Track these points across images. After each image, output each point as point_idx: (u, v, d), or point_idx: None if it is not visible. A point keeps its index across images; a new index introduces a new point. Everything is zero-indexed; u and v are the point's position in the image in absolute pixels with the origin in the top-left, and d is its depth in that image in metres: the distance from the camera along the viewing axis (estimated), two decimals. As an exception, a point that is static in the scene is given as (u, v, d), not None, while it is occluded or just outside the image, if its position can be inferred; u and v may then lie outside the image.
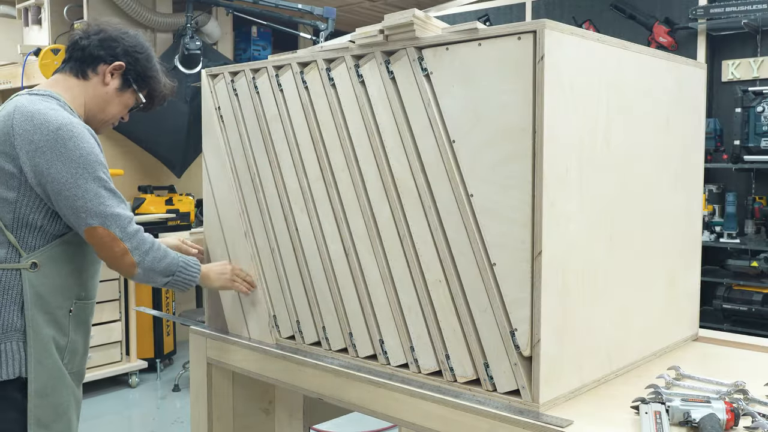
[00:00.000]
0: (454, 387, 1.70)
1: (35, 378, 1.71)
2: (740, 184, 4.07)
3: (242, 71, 2.14)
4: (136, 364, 4.66)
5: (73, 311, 1.81)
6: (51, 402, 1.74)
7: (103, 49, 1.83)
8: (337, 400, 1.92)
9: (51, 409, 1.74)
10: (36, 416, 1.71)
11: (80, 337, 1.86)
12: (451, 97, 1.63)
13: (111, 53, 1.83)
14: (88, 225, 1.69)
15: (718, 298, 3.83)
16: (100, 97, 1.85)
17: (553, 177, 1.53)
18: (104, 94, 1.85)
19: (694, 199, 2.14)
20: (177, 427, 4.01)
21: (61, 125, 1.68)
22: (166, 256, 1.83)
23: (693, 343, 2.16)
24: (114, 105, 1.87)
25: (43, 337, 1.73)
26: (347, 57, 1.83)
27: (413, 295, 1.76)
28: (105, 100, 1.86)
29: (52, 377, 1.74)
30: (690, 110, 2.08)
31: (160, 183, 5.31)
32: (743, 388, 1.64)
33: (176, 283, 1.87)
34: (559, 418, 1.52)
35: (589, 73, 1.63)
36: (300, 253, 2.03)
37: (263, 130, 2.09)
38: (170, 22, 5.18)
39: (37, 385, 1.72)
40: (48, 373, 1.74)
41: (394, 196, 1.77)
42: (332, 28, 4.50)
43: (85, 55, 1.82)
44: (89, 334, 1.92)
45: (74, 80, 1.83)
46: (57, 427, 1.76)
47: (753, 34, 3.94)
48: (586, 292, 1.67)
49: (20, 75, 4.71)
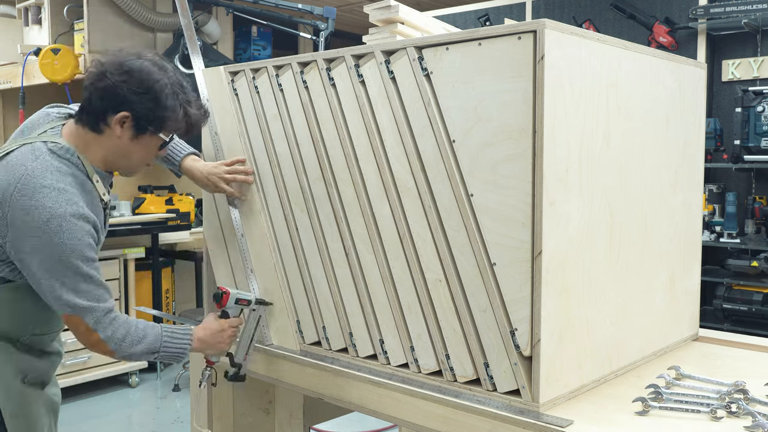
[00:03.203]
0: (454, 387, 1.70)
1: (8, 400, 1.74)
2: (740, 184, 4.07)
3: (242, 71, 2.14)
4: (136, 363, 4.66)
5: (23, 341, 1.78)
6: (24, 420, 1.77)
7: (106, 99, 1.69)
8: (337, 400, 1.92)
9: (26, 425, 1.77)
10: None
11: (39, 358, 1.83)
12: (451, 97, 1.63)
13: (114, 103, 1.69)
14: (65, 312, 1.68)
15: (718, 298, 3.83)
16: (119, 148, 1.74)
17: (553, 177, 1.53)
18: (121, 145, 1.73)
19: (694, 199, 2.14)
20: (177, 427, 4.01)
21: (51, 217, 1.61)
22: (145, 337, 1.77)
23: (693, 343, 2.16)
24: (135, 153, 1.76)
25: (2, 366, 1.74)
26: (347, 57, 1.83)
27: (413, 294, 1.76)
28: (125, 151, 1.75)
29: (21, 399, 1.76)
30: (690, 110, 2.08)
31: (160, 183, 5.31)
32: (743, 388, 1.64)
33: (165, 359, 1.83)
34: (559, 418, 1.52)
35: (589, 72, 1.63)
36: (300, 253, 2.03)
37: (263, 130, 2.10)
38: (170, 22, 5.18)
39: (10, 410, 1.74)
40: (16, 397, 1.75)
41: (394, 196, 1.77)
42: (332, 28, 4.50)
43: (92, 109, 1.71)
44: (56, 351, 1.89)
45: (91, 135, 1.73)
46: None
47: (753, 33, 3.94)
48: (586, 292, 1.67)
49: (20, 75, 4.71)
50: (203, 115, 1.84)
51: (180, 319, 2.63)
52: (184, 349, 1.85)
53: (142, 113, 1.70)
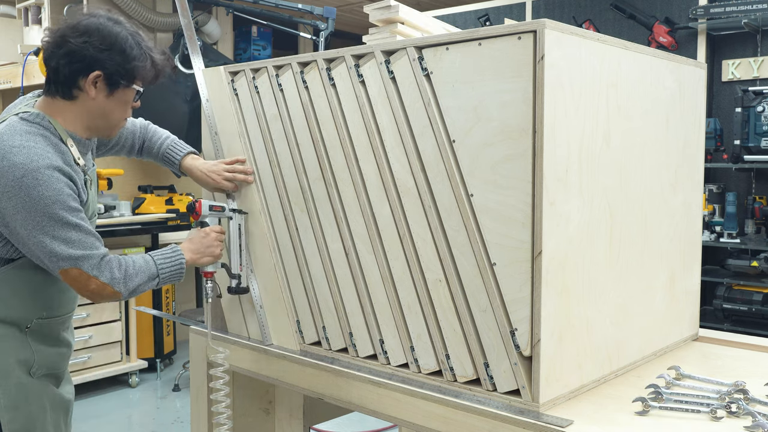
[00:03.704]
0: (454, 387, 1.70)
1: (4, 393, 1.71)
2: (740, 184, 4.07)
3: (242, 71, 2.14)
4: (136, 364, 4.67)
5: (32, 327, 1.77)
6: (23, 413, 1.74)
7: (74, 63, 1.68)
8: (337, 400, 1.92)
9: (24, 419, 1.74)
10: (11, 429, 1.73)
11: (50, 347, 1.82)
12: (451, 97, 1.63)
13: (82, 65, 1.68)
14: (61, 268, 1.66)
15: (718, 298, 3.83)
16: (96, 109, 1.74)
17: (553, 177, 1.53)
18: (97, 106, 1.74)
19: (694, 199, 2.14)
20: (177, 427, 4.01)
21: (26, 173, 1.60)
22: (141, 269, 1.78)
23: (693, 343, 2.16)
24: (112, 110, 1.77)
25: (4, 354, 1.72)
26: (347, 57, 1.83)
27: (413, 294, 1.76)
28: (102, 110, 1.75)
29: (20, 391, 1.74)
30: (690, 110, 2.08)
31: (160, 183, 5.31)
32: (743, 388, 1.64)
33: (167, 281, 1.84)
34: (559, 418, 1.52)
35: (589, 72, 1.63)
36: (300, 253, 2.03)
37: (263, 130, 2.10)
38: (170, 22, 5.18)
39: (5, 401, 1.72)
40: (15, 388, 1.73)
41: (394, 196, 1.77)
42: (332, 28, 4.50)
43: (61, 77, 1.70)
44: (66, 341, 1.88)
45: (63, 103, 1.73)
46: None
47: (753, 33, 3.94)
48: (586, 292, 1.67)
49: (20, 75, 4.71)
50: (167, 59, 1.86)
51: (180, 319, 2.63)
52: (180, 264, 1.86)
53: (112, 69, 1.71)
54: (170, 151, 2.14)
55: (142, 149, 2.16)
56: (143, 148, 2.15)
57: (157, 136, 2.16)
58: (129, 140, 2.12)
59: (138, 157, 2.19)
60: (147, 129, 2.16)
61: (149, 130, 2.16)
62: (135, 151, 2.16)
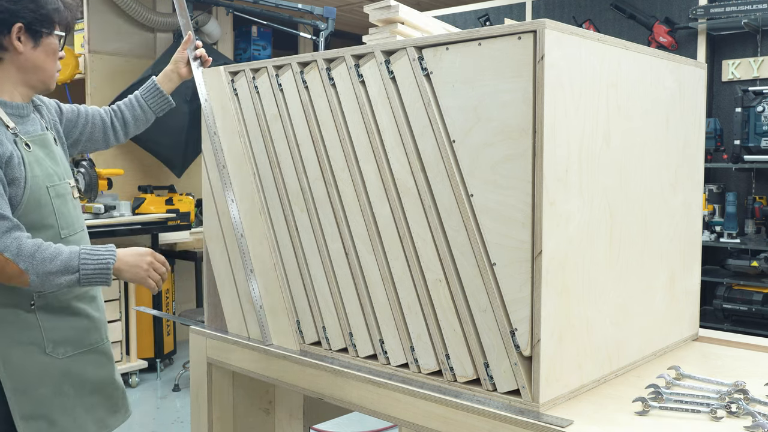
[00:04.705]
0: (454, 387, 1.70)
1: (9, 377, 1.70)
2: (740, 184, 4.07)
3: (242, 71, 2.14)
4: (136, 363, 4.67)
5: (37, 303, 1.73)
6: (33, 396, 1.72)
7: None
8: (337, 400, 1.92)
9: (35, 402, 1.72)
10: (20, 412, 1.71)
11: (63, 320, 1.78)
12: (451, 97, 1.63)
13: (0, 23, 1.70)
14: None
15: (718, 298, 3.84)
16: (27, 64, 1.76)
17: (553, 177, 1.53)
18: (26, 60, 1.75)
19: (694, 199, 2.14)
20: (177, 427, 4.01)
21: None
22: (59, 254, 1.63)
23: (693, 343, 2.16)
24: (43, 61, 1.78)
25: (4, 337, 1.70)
26: (347, 57, 1.83)
27: (413, 294, 1.76)
28: (32, 64, 1.77)
29: (28, 373, 1.72)
30: (690, 110, 2.08)
31: (160, 183, 5.32)
32: (743, 388, 1.64)
33: (88, 281, 1.67)
34: (559, 418, 1.52)
35: (589, 72, 1.63)
36: (300, 253, 2.03)
37: (263, 130, 2.10)
38: (170, 22, 5.18)
39: (12, 384, 1.70)
40: (23, 370, 1.71)
41: (394, 196, 1.77)
42: (332, 28, 4.50)
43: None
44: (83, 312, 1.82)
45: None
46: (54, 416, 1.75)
47: (753, 33, 3.94)
48: (586, 292, 1.67)
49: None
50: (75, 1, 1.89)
51: (180, 319, 2.63)
52: (105, 264, 1.67)
53: (30, 19, 1.73)
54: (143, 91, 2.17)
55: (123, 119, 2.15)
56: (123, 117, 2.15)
57: (127, 98, 2.19)
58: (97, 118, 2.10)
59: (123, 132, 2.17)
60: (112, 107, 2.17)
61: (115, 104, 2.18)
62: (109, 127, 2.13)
